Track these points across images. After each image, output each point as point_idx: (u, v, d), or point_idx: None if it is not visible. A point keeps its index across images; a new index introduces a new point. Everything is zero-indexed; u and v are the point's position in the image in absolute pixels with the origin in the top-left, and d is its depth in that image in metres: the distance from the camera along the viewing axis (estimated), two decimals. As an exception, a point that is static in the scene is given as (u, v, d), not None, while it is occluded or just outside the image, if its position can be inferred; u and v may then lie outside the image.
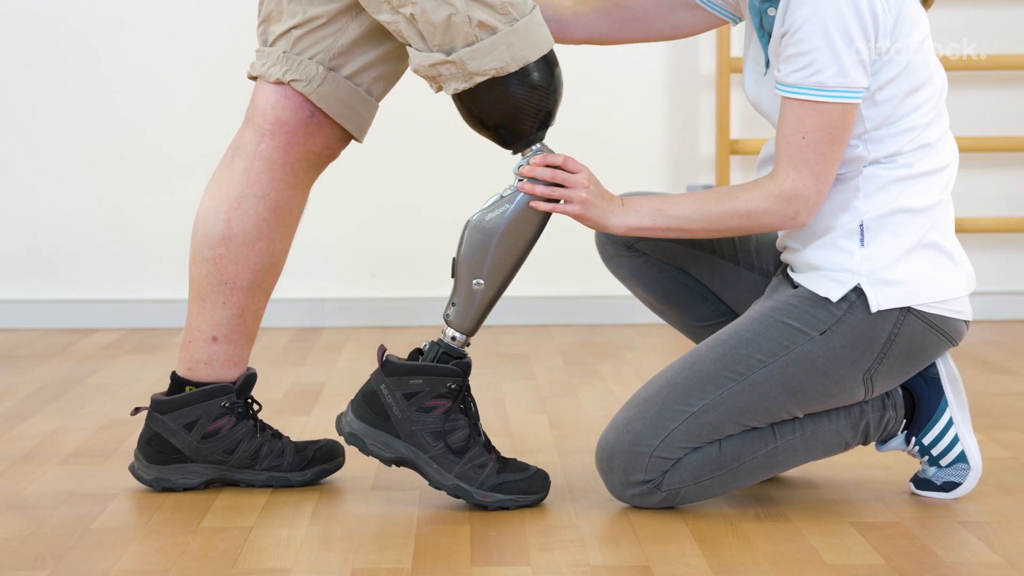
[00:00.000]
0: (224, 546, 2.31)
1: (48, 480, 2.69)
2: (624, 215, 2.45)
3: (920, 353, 2.43)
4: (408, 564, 2.22)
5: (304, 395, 3.48)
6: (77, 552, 2.29)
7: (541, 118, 2.46)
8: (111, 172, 4.57)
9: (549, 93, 2.45)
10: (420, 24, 2.38)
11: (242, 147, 2.55)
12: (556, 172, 2.45)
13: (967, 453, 2.53)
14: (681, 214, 2.43)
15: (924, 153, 2.41)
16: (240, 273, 2.56)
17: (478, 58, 2.38)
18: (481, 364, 3.90)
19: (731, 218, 2.41)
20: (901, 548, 2.27)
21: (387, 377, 2.49)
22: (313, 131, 2.54)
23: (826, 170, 2.36)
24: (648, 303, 2.73)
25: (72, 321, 4.55)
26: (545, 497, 2.51)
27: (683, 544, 2.30)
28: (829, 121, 2.34)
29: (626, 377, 3.68)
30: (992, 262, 4.64)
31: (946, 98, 2.50)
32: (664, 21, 2.63)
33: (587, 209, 2.44)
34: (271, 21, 2.54)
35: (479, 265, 2.48)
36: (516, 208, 2.46)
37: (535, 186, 2.45)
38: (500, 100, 2.42)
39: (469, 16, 2.37)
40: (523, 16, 2.41)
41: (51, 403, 3.39)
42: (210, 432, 2.59)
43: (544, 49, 2.43)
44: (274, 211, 2.55)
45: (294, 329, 4.49)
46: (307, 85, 2.51)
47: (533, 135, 2.47)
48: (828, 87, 2.33)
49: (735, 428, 2.42)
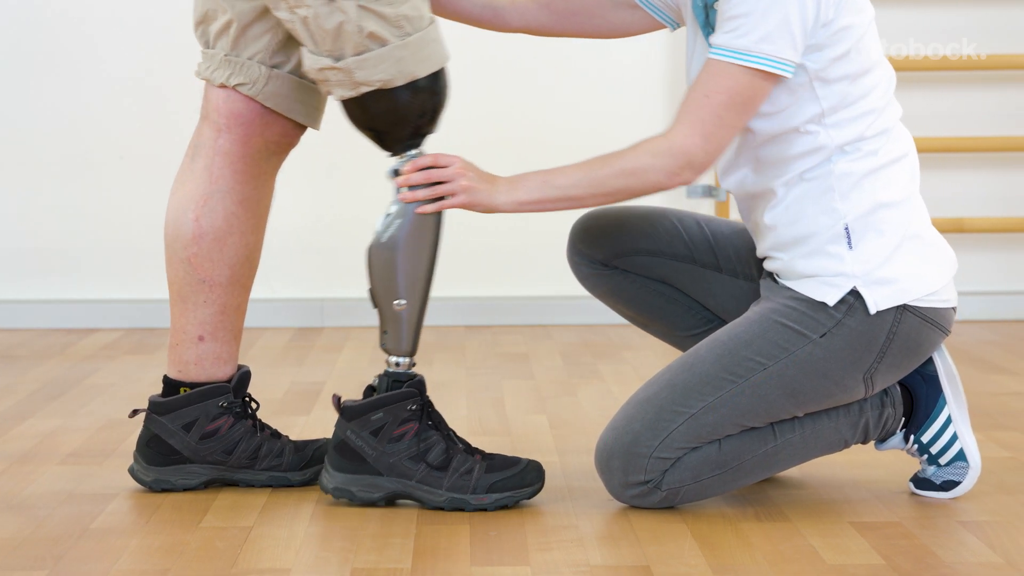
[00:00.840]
0: (224, 546, 2.31)
1: (47, 480, 2.69)
2: (512, 192, 2.42)
3: (917, 348, 2.43)
4: (408, 564, 2.22)
5: (303, 395, 3.48)
6: (76, 552, 2.29)
7: (422, 128, 2.47)
8: (110, 172, 4.57)
9: (432, 108, 2.46)
10: (312, 28, 2.39)
11: (201, 144, 2.56)
12: (430, 172, 2.44)
13: (966, 451, 2.53)
14: (567, 183, 2.40)
15: (885, 139, 2.41)
16: (216, 269, 2.56)
17: (366, 68, 2.39)
18: (480, 364, 3.90)
19: (617, 178, 2.38)
20: (901, 548, 2.27)
21: (350, 422, 2.49)
22: (269, 121, 2.55)
23: (719, 134, 2.34)
24: (631, 318, 2.72)
25: (71, 321, 4.55)
26: (542, 487, 2.51)
27: (682, 544, 2.30)
28: (737, 85, 2.33)
29: (625, 377, 3.68)
30: (991, 262, 4.65)
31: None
32: (603, 18, 2.62)
33: (472, 195, 2.43)
34: (207, 22, 2.56)
35: (393, 286, 2.49)
36: (407, 220, 2.46)
37: (416, 192, 2.45)
38: (382, 109, 2.43)
39: (360, 26, 2.37)
40: (417, 31, 2.41)
41: (50, 403, 3.39)
42: (208, 432, 2.59)
43: (435, 66, 2.43)
44: (241, 204, 2.56)
45: (293, 329, 4.49)
46: (252, 87, 2.52)
47: (411, 141, 2.48)
48: (749, 51, 2.31)
49: (734, 429, 2.42)
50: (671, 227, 2.64)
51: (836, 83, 2.37)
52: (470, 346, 4.22)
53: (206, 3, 2.54)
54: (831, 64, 2.36)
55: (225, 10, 2.51)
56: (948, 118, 4.56)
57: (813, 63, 2.36)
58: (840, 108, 2.38)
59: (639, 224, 2.64)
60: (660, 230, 2.64)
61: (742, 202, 2.51)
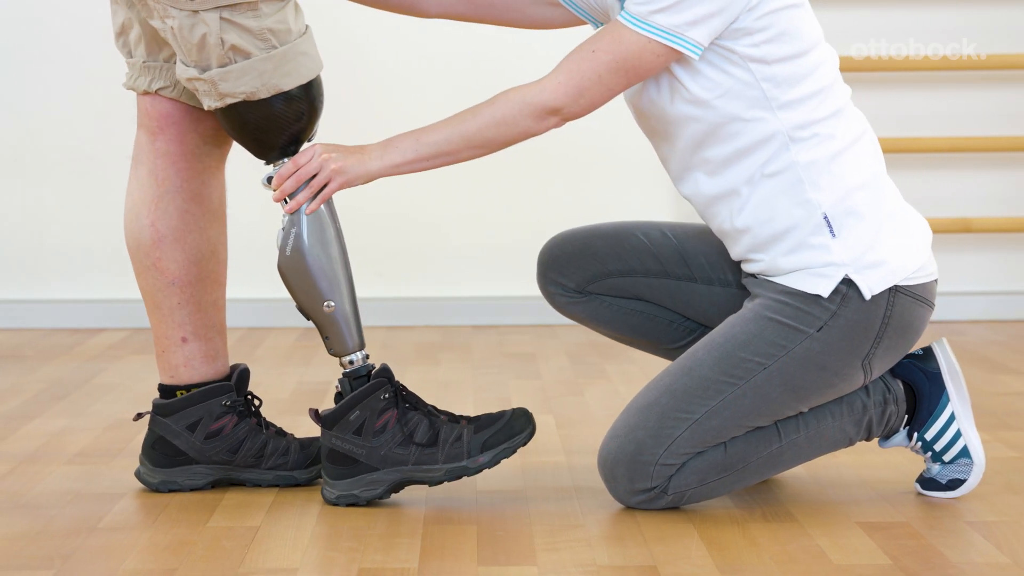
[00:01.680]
0: (231, 545, 2.31)
1: (55, 480, 2.69)
2: (384, 156, 2.43)
3: (910, 327, 2.43)
4: (415, 564, 2.22)
5: (310, 395, 3.49)
6: (84, 551, 2.30)
7: (295, 137, 2.47)
8: (116, 171, 4.56)
9: (302, 117, 2.46)
10: (179, 38, 2.41)
11: (140, 152, 2.59)
12: (297, 174, 2.45)
13: (970, 448, 2.52)
14: (440, 138, 2.41)
15: (838, 120, 2.39)
16: (183, 269, 2.57)
17: (229, 80, 2.40)
18: (487, 364, 3.90)
19: (489, 128, 2.38)
20: (908, 548, 2.27)
21: (331, 429, 2.50)
22: (198, 117, 2.56)
23: (593, 92, 2.35)
24: (616, 339, 2.71)
25: (78, 321, 4.56)
26: (534, 430, 2.51)
27: (690, 544, 2.30)
28: (627, 51, 2.32)
29: (632, 377, 3.68)
30: (995, 262, 4.64)
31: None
32: (520, 12, 2.61)
33: (343, 173, 2.43)
34: (125, 32, 2.57)
35: (315, 292, 2.50)
36: (302, 225, 2.47)
37: (296, 198, 2.46)
38: (254, 118, 2.44)
39: (222, 39, 2.38)
40: (284, 44, 2.41)
41: (57, 403, 3.40)
42: (213, 432, 2.59)
43: (301, 80, 2.44)
44: (193, 200, 2.57)
45: (300, 329, 4.49)
46: (173, 90, 2.54)
47: (285, 150, 2.48)
48: (649, 22, 2.31)
49: (739, 430, 2.42)
50: (639, 244, 2.62)
51: (774, 64, 2.35)
52: (476, 346, 4.22)
53: (121, 14, 2.56)
54: (763, 47, 2.34)
55: (136, 19, 2.53)
56: (948, 118, 4.56)
57: (743, 47, 2.34)
58: (784, 88, 2.35)
59: (606, 246, 2.63)
60: (628, 249, 2.62)
61: (704, 209, 2.46)
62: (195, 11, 2.37)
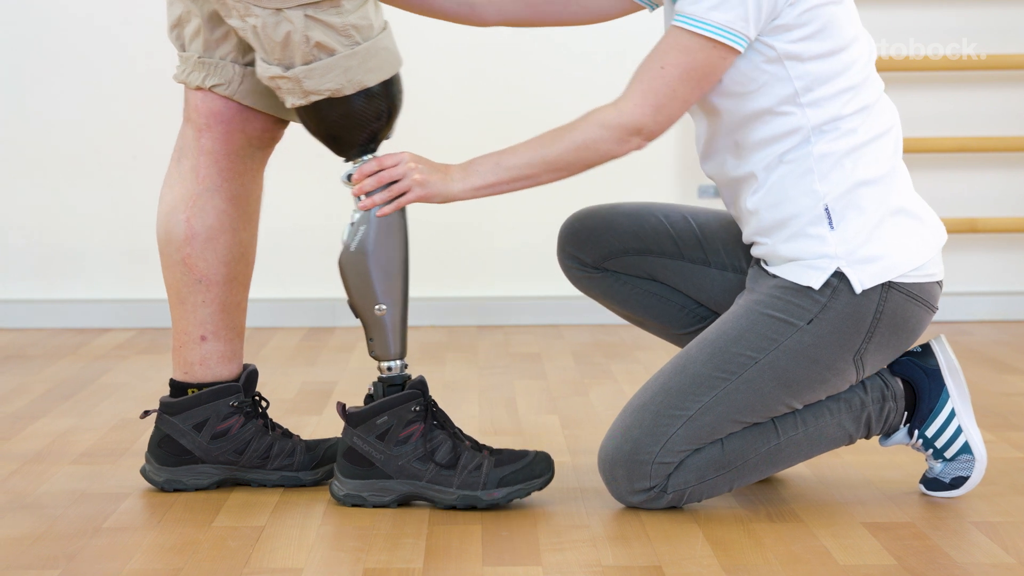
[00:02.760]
0: (236, 545, 2.32)
1: (60, 479, 2.70)
2: (466, 178, 2.43)
3: (904, 326, 2.43)
4: (420, 564, 2.22)
5: (315, 395, 3.49)
6: (89, 551, 2.30)
7: (375, 134, 2.47)
8: (123, 172, 4.58)
9: (382, 115, 2.46)
10: (262, 37, 2.40)
11: (185, 146, 2.57)
12: (380, 175, 2.45)
13: (971, 443, 2.52)
14: (520, 162, 2.41)
15: (864, 116, 2.40)
16: (212, 268, 2.57)
17: (314, 78, 2.40)
18: (492, 364, 3.90)
19: (570, 152, 2.39)
20: (913, 548, 2.27)
21: (356, 428, 2.50)
22: (248, 117, 2.56)
23: (670, 107, 2.35)
24: (626, 318, 2.71)
25: (84, 321, 4.56)
26: (552, 476, 2.51)
27: (695, 544, 2.30)
28: (693, 60, 2.32)
29: (637, 377, 3.68)
30: (999, 262, 4.64)
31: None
32: (578, 4, 2.60)
33: (427, 187, 2.44)
34: (181, 25, 2.56)
35: (371, 293, 2.49)
36: (372, 226, 2.47)
37: (373, 197, 2.46)
38: (336, 115, 2.44)
39: (307, 36, 2.38)
40: (367, 40, 2.41)
41: (63, 403, 3.40)
42: (219, 432, 2.59)
43: (385, 75, 2.44)
44: (231, 201, 2.56)
45: (305, 329, 4.50)
46: (227, 87, 2.53)
47: (366, 146, 2.48)
48: (700, 18, 2.31)
49: (734, 426, 2.42)
50: (658, 224, 2.63)
51: (809, 62, 2.36)
52: (482, 346, 4.22)
53: (178, 7, 2.55)
54: (801, 43, 2.34)
55: (196, 13, 2.52)
56: (948, 118, 4.56)
57: (782, 43, 2.35)
58: (815, 87, 2.36)
59: (626, 224, 2.64)
60: (648, 228, 2.63)
61: (724, 188, 2.49)
62: (279, 9, 2.37)
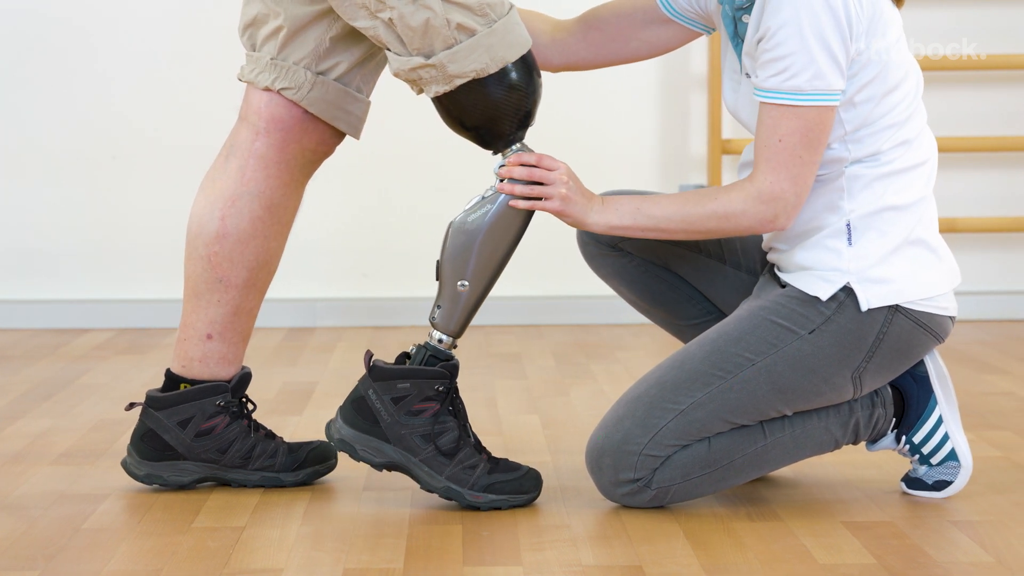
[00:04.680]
0: (216, 546, 2.31)
1: (39, 480, 2.69)
2: (604, 213, 2.44)
3: (908, 351, 2.44)
4: (400, 564, 2.22)
5: (296, 395, 3.48)
6: (68, 552, 2.29)
7: (521, 118, 2.46)
8: (102, 172, 4.57)
9: (528, 93, 2.45)
10: (399, 28, 2.38)
11: (237, 145, 2.56)
12: (533, 170, 2.45)
13: (957, 451, 2.53)
14: (661, 214, 2.42)
15: (904, 150, 2.41)
16: (235, 271, 2.56)
17: (458, 60, 2.39)
18: (473, 364, 3.90)
19: (710, 219, 2.41)
20: (892, 547, 2.28)
21: (375, 382, 2.49)
22: (308, 128, 2.54)
23: (804, 173, 2.36)
24: (633, 303, 2.73)
25: (63, 321, 4.55)
26: (537, 497, 2.51)
27: (675, 544, 2.30)
28: (805, 124, 2.35)
29: (617, 377, 3.68)
30: (985, 261, 4.65)
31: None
32: (639, 39, 2.61)
33: (567, 206, 2.44)
34: (257, 25, 2.54)
35: (463, 266, 2.48)
36: (498, 208, 2.46)
37: (515, 186, 2.46)
38: (480, 101, 2.42)
39: (448, 19, 2.37)
40: (501, 17, 2.41)
41: (42, 403, 3.39)
42: (204, 430, 2.59)
43: (523, 48, 2.43)
44: (269, 209, 2.55)
45: (285, 329, 4.49)
46: (297, 92, 2.51)
47: (513, 135, 2.47)
48: (804, 91, 2.33)
49: (724, 426, 2.42)
50: None
51: (861, 105, 2.38)
52: (463, 346, 4.21)
53: (257, 6, 2.53)
54: (861, 88, 2.37)
55: (277, 14, 2.50)
56: (948, 118, 4.56)
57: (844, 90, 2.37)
58: (862, 127, 2.39)
59: None
60: None
61: None
62: None
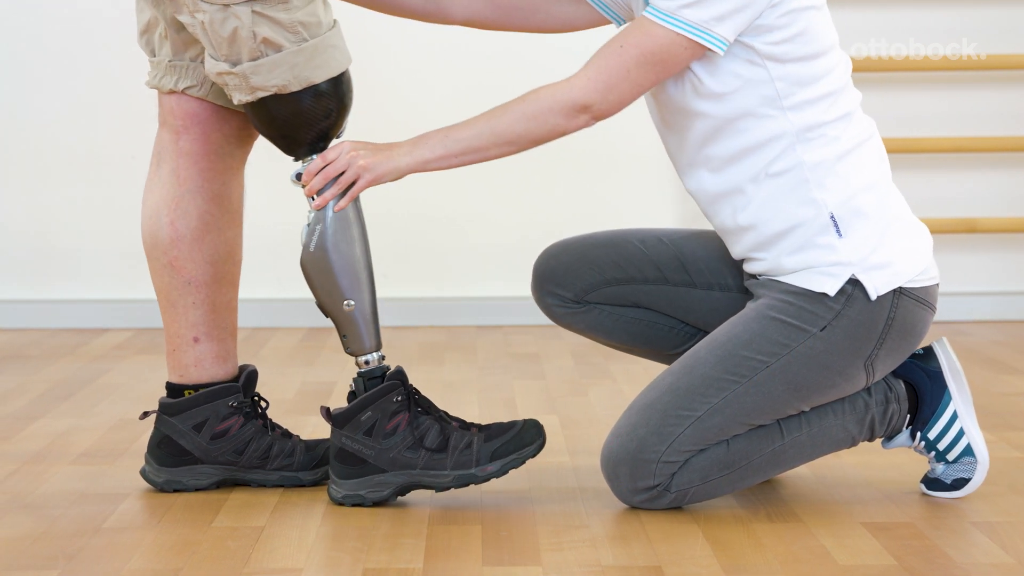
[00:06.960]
0: (235, 546, 2.32)
1: (59, 480, 2.70)
2: (413, 152, 2.43)
3: (913, 330, 2.43)
4: (419, 564, 2.22)
5: (314, 395, 3.49)
6: (88, 551, 2.30)
7: (324, 133, 2.48)
8: (121, 172, 4.57)
9: (331, 113, 2.47)
10: (209, 33, 2.41)
11: (163, 150, 2.58)
12: (326, 171, 2.45)
13: (973, 446, 2.52)
14: (469, 134, 2.41)
15: (846, 124, 2.40)
16: (199, 269, 2.57)
17: (260, 74, 2.41)
18: (491, 364, 3.90)
19: (518, 124, 2.38)
20: (912, 548, 2.27)
21: (342, 429, 2.50)
22: (224, 116, 2.57)
23: (622, 88, 2.35)
24: (615, 348, 2.69)
25: (83, 321, 4.56)
26: (544, 442, 2.50)
27: (694, 544, 2.30)
28: (654, 45, 2.33)
29: (636, 377, 3.68)
30: (998, 262, 4.64)
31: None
32: (546, 12, 2.61)
33: (372, 170, 2.43)
34: (151, 30, 2.58)
35: (336, 290, 2.50)
36: (329, 222, 2.47)
37: (324, 195, 2.46)
38: (284, 113, 2.44)
39: (255, 32, 2.39)
40: (315, 37, 2.42)
41: (62, 403, 3.40)
42: (219, 432, 2.59)
43: (333, 72, 2.44)
44: (213, 201, 2.57)
45: (304, 329, 4.50)
46: (200, 88, 2.54)
47: (314, 146, 2.48)
48: (671, 13, 2.32)
49: (741, 428, 2.42)
50: (636, 251, 2.61)
51: (789, 64, 2.36)
52: (481, 346, 4.22)
53: (147, 13, 2.56)
54: (782, 45, 2.35)
55: (158, 18, 2.53)
56: (948, 118, 4.56)
57: (763, 44, 2.35)
58: (796, 90, 2.37)
59: (603, 254, 2.62)
60: (626, 256, 2.61)
61: (707, 206, 2.47)
62: (226, 5, 2.38)
